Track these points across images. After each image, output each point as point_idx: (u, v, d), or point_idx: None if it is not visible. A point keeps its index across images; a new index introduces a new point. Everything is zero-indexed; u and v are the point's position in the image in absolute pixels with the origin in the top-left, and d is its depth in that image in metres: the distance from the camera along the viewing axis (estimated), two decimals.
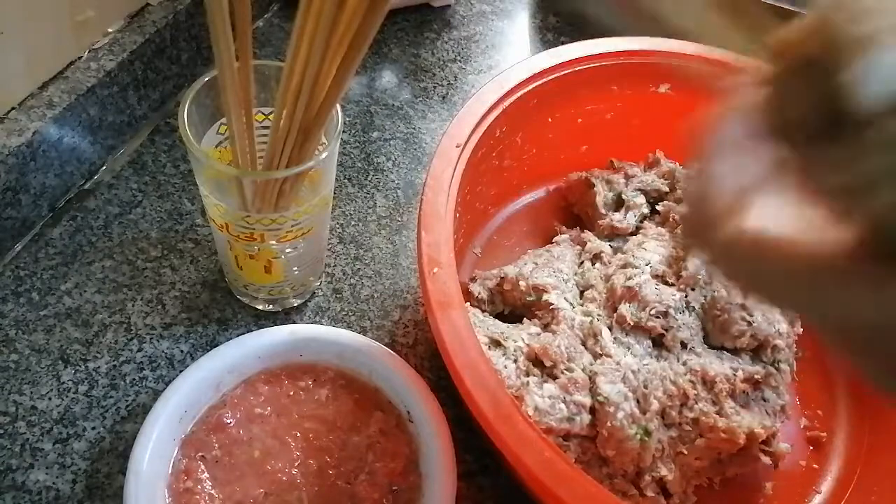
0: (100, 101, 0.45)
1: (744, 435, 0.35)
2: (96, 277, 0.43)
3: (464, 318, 0.32)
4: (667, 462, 0.36)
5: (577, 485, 0.28)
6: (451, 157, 0.39)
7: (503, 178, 0.48)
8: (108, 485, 0.35)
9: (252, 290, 0.42)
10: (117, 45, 0.47)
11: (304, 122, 0.31)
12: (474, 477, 0.38)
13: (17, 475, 0.35)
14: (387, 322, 0.44)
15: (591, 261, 0.44)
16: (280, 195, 0.34)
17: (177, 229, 0.46)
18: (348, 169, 0.52)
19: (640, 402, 0.36)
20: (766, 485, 0.39)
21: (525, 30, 0.67)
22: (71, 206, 0.46)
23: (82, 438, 0.37)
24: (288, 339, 0.37)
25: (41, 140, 0.42)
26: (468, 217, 0.44)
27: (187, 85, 0.47)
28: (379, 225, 0.49)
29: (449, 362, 0.31)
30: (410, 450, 0.35)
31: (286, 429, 0.35)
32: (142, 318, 0.41)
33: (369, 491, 0.34)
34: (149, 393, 0.39)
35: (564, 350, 0.37)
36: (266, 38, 0.60)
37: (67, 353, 0.39)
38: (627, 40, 0.47)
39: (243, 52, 0.31)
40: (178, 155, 0.50)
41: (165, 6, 0.50)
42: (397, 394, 0.37)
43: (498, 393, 0.30)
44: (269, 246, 0.37)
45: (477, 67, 0.61)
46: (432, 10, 0.65)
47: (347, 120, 0.55)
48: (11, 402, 0.37)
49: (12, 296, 0.41)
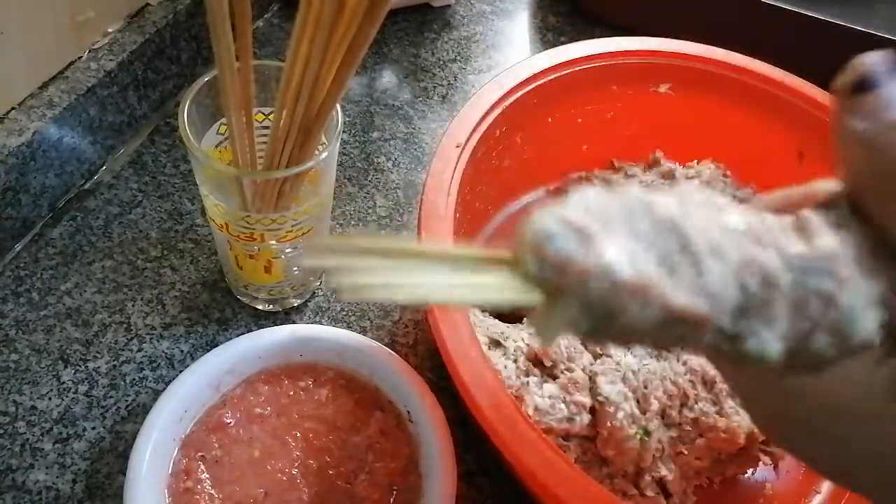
0: (100, 101, 0.45)
1: (744, 435, 0.35)
2: (96, 277, 0.43)
3: (464, 318, 0.32)
4: (667, 462, 0.36)
5: (577, 485, 0.28)
6: (451, 157, 0.39)
7: (503, 178, 0.48)
8: (108, 485, 0.35)
9: (252, 290, 0.42)
10: (117, 45, 0.47)
11: (304, 122, 0.31)
12: (474, 477, 0.38)
13: (17, 475, 0.35)
14: (387, 322, 0.44)
15: None
16: (280, 195, 0.34)
17: (177, 229, 0.46)
18: (348, 169, 0.52)
19: (640, 402, 0.36)
20: (766, 485, 0.39)
21: (525, 30, 0.67)
22: (71, 206, 0.46)
23: (82, 438, 0.37)
24: (288, 339, 0.37)
25: (41, 140, 0.42)
26: (468, 217, 0.44)
27: (187, 85, 0.47)
28: (379, 225, 0.49)
29: (449, 362, 0.31)
30: (410, 450, 0.35)
31: (286, 429, 0.35)
32: (142, 318, 0.41)
33: (369, 491, 0.34)
34: (149, 393, 0.39)
35: (564, 350, 0.37)
36: (266, 38, 0.60)
37: (67, 353, 0.39)
38: (627, 40, 0.47)
39: (243, 52, 0.31)
40: (178, 155, 0.50)
41: (165, 6, 0.50)
42: (397, 394, 0.37)
43: (498, 393, 0.30)
44: (269, 246, 0.37)
45: (477, 67, 0.61)
46: (432, 10, 0.65)
47: (347, 120, 0.55)
48: (11, 402, 0.37)
49: (12, 296, 0.41)
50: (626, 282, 0.15)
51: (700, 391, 0.37)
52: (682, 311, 0.15)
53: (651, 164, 0.50)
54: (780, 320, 0.16)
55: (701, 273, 0.16)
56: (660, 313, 0.15)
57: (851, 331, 0.17)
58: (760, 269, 0.16)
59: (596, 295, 0.15)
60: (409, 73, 0.60)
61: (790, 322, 0.17)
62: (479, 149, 0.41)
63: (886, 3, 0.57)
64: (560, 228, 0.16)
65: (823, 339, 0.17)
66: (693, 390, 0.37)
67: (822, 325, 0.17)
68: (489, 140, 0.42)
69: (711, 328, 0.16)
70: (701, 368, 0.38)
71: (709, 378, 0.37)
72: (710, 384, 0.37)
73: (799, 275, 0.17)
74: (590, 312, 0.15)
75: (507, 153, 0.46)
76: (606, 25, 0.65)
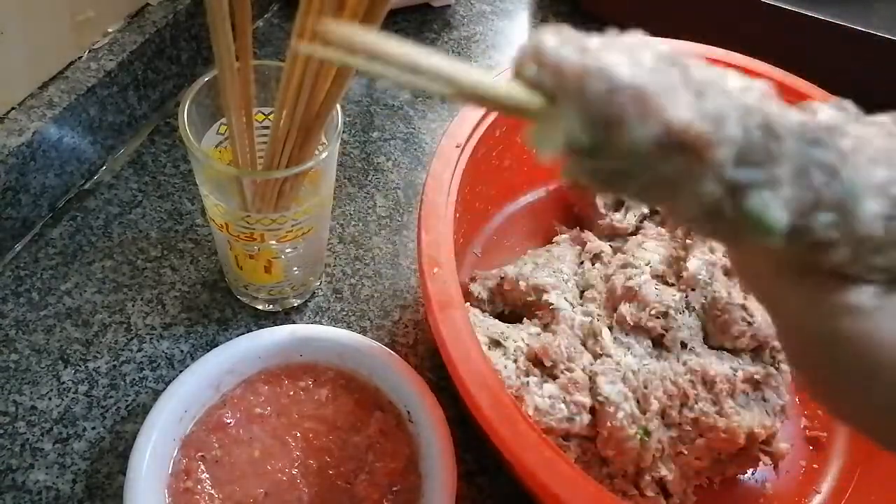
0: (100, 101, 0.45)
1: (744, 435, 0.35)
2: (96, 277, 0.43)
3: (464, 318, 0.32)
4: (667, 462, 0.36)
5: (577, 485, 0.28)
6: (451, 157, 0.39)
7: (503, 178, 0.48)
8: (108, 485, 0.35)
9: (252, 290, 0.42)
10: (117, 45, 0.47)
11: (304, 122, 0.31)
12: (474, 477, 0.38)
13: (17, 475, 0.35)
14: (387, 322, 0.44)
15: (591, 261, 0.44)
16: (280, 195, 0.34)
17: (177, 229, 0.46)
18: (348, 169, 0.52)
19: (640, 402, 0.36)
20: (766, 485, 0.39)
21: (525, 30, 0.67)
22: (71, 206, 0.46)
23: (82, 438, 0.37)
24: (288, 339, 0.37)
25: (41, 140, 0.42)
26: (468, 217, 0.44)
27: (187, 85, 0.47)
28: (379, 225, 0.49)
29: (449, 362, 0.31)
30: (410, 450, 0.35)
31: (286, 429, 0.35)
32: (142, 318, 0.41)
33: (369, 491, 0.34)
34: (149, 393, 0.39)
35: (564, 350, 0.37)
36: (266, 38, 0.60)
37: (67, 353, 0.39)
38: None
39: (243, 52, 0.31)
40: (178, 155, 0.50)
41: (165, 6, 0.50)
42: (397, 394, 0.37)
43: (498, 393, 0.30)
44: (269, 246, 0.37)
45: (477, 67, 0.61)
46: (432, 10, 0.65)
47: (347, 120, 0.55)
48: (11, 402, 0.37)
49: (12, 296, 0.41)
50: (624, 84, 0.14)
51: (700, 391, 0.37)
52: (682, 128, 0.15)
53: None
54: (784, 185, 0.16)
55: (703, 97, 0.15)
56: (659, 131, 0.15)
57: (854, 209, 0.16)
58: (764, 117, 0.16)
59: (594, 98, 0.14)
60: None
61: (793, 190, 0.16)
62: (479, 149, 0.41)
63: (886, 3, 0.57)
64: (559, 40, 0.15)
65: (827, 218, 0.16)
66: (693, 390, 0.37)
67: (824, 199, 0.16)
68: (489, 140, 0.42)
69: (712, 167, 0.15)
70: (701, 368, 0.38)
71: (709, 378, 0.37)
72: (710, 384, 0.37)
73: (801, 142, 0.16)
74: (587, 122, 0.15)
75: (507, 153, 0.46)
76: (606, 25, 0.65)
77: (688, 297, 0.40)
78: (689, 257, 0.41)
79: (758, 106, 0.16)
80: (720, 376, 0.37)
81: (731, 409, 0.37)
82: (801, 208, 0.16)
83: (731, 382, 0.38)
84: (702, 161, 0.15)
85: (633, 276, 0.40)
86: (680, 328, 0.39)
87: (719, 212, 0.16)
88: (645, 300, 0.39)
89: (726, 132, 0.15)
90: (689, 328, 0.39)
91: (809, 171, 0.16)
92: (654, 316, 0.38)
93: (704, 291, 0.40)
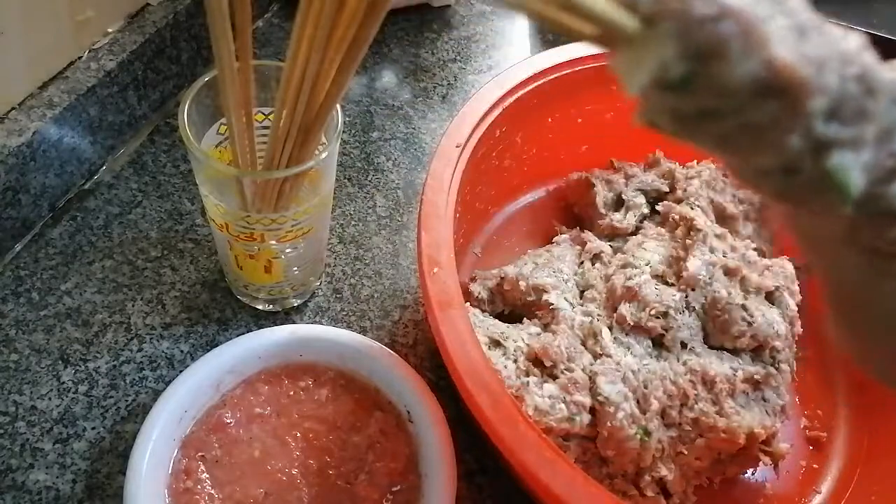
0: (100, 101, 0.45)
1: (744, 435, 0.35)
2: (96, 277, 0.43)
3: (464, 318, 0.32)
4: (667, 462, 0.36)
5: (577, 485, 0.28)
6: (451, 157, 0.39)
7: (503, 178, 0.48)
8: (108, 485, 0.35)
9: (252, 290, 0.42)
10: (117, 45, 0.47)
11: (304, 122, 0.31)
12: (474, 477, 0.38)
13: (17, 475, 0.35)
14: (387, 322, 0.44)
15: (591, 261, 0.44)
16: (280, 195, 0.34)
17: (177, 229, 0.46)
18: (348, 169, 0.52)
19: (640, 402, 0.36)
20: (766, 485, 0.39)
21: (525, 30, 0.67)
22: (71, 206, 0.46)
23: (82, 438, 0.37)
24: (288, 339, 0.37)
25: (41, 140, 0.42)
26: (468, 217, 0.44)
27: (187, 85, 0.47)
28: (379, 225, 0.49)
29: (449, 362, 0.31)
30: (410, 450, 0.35)
31: (286, 429, 0.35)
32: (142, 318, 0.41)
33: (369, 491, 0.34)
34: (149, 393, 0.39)
35: (564, 350, 0.37)
36: (266, 38, 0.60)
37: (67, 353, 0.39)
38: None
39: (243, 52, 0.31)
40: (178, 155, 0.50)
41: (165, 6, 0.50)
42: (397, 394, 0.37)
43: (498, 393, 0.30)
44: (269, 246, 0.37)
45: (477, 67, 0.61)
46: (432, 10, 0.65)
47: (347, 120, 0.55)
48: (11, 402, 0.37)
49: (12, 296, 0.41)
50: (734, 10, 0.13)
51: (700, 391, 0.37)
52: (784, 68, 0.14)
53: (651, 164, 0.50)
54: (867, 147, 0.15)
55: (806, 38, 0.14)
56: (759, 69, 0.14)
57: None
58: (862, 67, 0.15)
59: (697, 22, 0.13)
60: (409, 73, 0.60)
61: (875, 153, 0.15)
62: (479, 149, 0.41)
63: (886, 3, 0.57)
64: None
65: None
66: (693, 390, 0.37)
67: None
68: (489, 140, 0.42)
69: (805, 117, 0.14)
70: (701, 368, 0.38)
71: (709, 378, 0.37)
72: (710, 384, 0.37)
73: (892, 102, 0.15)
74: (685, 50, 0.13)
75: (507, 153, 0.46)
76: None
77: (688, 297, 0.40)
78: (689, 257, 0.41)
79: (857, 55, 0.15)
80: (720, 376, 0.37)
81: (731, 409, 0.37)
82: (879, 174, 0.15)
83: (731, 382, 0.38)
84: (795, 110, 0.14)
85: (633, 276, 0.40)
86: (680, 328, 0.39)
87: (797, 169, 0.15)
88: (645, 300, 0.39)
89: (825, 80, 0.14)
90: (689, 328, 0.39)
91: (894, 135, 0.15)
92: (654, 316, 0.38)
93: (704, 291, 0.40)
